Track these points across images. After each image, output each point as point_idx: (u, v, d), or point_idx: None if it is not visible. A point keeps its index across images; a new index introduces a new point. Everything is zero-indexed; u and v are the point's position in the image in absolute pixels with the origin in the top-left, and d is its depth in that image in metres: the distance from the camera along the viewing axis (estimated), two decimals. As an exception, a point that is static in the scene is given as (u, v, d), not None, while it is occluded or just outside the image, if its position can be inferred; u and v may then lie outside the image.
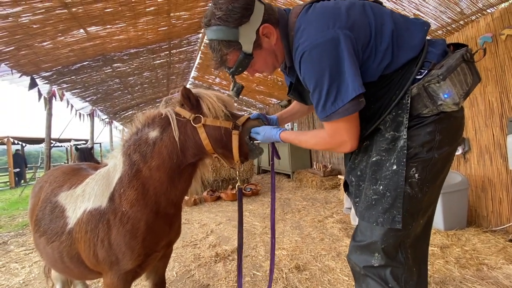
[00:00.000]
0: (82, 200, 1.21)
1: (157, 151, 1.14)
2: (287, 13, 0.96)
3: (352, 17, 0.83)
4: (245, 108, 9.78)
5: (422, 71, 0.85)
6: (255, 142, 1.17)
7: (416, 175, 0.85)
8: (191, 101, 1.14)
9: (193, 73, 7.05)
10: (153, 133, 1.17)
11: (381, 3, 0.98)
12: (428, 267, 2.03)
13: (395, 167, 0.86)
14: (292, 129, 7.69)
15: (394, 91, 0.87)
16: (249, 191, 5.30)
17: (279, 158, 1.34)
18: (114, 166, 1.21)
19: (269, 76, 6.12)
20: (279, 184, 6.53)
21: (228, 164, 1.22)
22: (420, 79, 0.84)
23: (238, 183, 1.32)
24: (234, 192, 5.12)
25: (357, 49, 0.82)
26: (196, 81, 7.68)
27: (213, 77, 7.05)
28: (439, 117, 0.84)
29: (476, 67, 0.87)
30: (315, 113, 0.90)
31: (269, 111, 8.96)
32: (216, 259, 2.55)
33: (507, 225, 2.66)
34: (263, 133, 1.12)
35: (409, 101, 0.84)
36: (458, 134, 0.93)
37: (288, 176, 7.14)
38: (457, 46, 0.93)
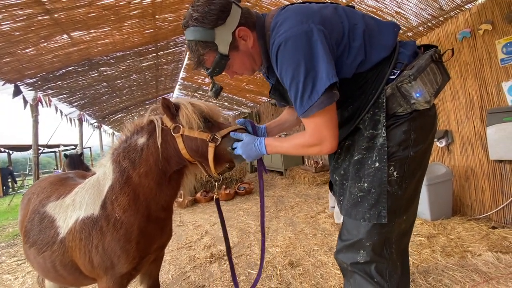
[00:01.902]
0: (73, 209, 1.23)
1: (145, 158, 1.17)
2: (264, 16, 1.00)
3: (325, 15, 0.88)
4: (235, 107, 9.79)
5: (395, 71, 0.90)
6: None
7: (395, 173, 0.90)
8: (171, 111, 1.16)
9: (181, 74, 7.02)
10: (141, 140, 1.20)
11: (353, 7, 1.03)
12: (416, 257, 2.14)
13: (377, 164, 0.89)
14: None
15: (370, 91, 0.92)
16: (242, 190, 5.34)
17: (266, 172, 1.29)
18: (104, 174, 1.23)
19: (258, 75, 6.15)
20: (272, 182, 6.58)
21: (209, 174, 1.22)
22: (393, 79, 0.89)
23: (216, 195, 1.29)
24: (228, 192, 5.15)
25: (330, 44, 0.85)
26: (186, 82, 7.64)
27: (202, 77, 7.03)
28: (413, 116, 0.89)
29: (445, 66, 0.92)
30: (296, 111, 0.91)
31: (260, 109, 9.00)
32: (211, 259, 2.58)
33: (489, 213, 2.78)
34: (243, 148, 1.06)
35: (384, 100, 0.88)
36: (431, 132, 0.97)
37: (280, 173, 7.21)
38: (427, 47, 0.98)
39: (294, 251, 2.58)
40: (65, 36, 3.17)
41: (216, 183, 1.27)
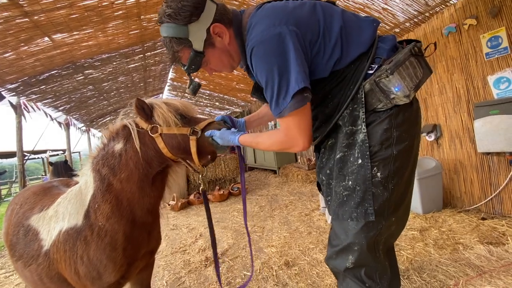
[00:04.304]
0: (56, 220, 1.20)
1: (124, 163, 1.16)
2: (241, 14, 0.98)
3: (299, 15, 0.87)
4: (227, 106, 9.72)
5: (373, 66, 0.89)
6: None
7: (379, 174, 0.88)
8: (146, 111, 1.16)
9: (170, 75, 6.90)
10: (118, 146, 1.19)
11: (333, 3, 1.01)
12: (409, 251, 2.16)
13: (360, 161, 0.88)
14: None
15: (349, 86, 0.91)
16: (236, 191, 5.31)
17: (244, 161, 1.35)
18: (86, 183, 1.22)
19: (248, 74, 6.11)
20: (266, 181, 6.58)
21: (193, 168, 1.24)
22: (371, 74, 0.88)
23: (202, 187, 1.33)
24: (222, 192, 5.11)
25: (304, 45, 0.85)
26: (175, 83, 7.53)
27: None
28: (393, 112, 0.87)
29: (426, 60, 0.91)
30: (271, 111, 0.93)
31: (252, 108, 8.96)
32: (206, 263, 2.54)
33: (479, 204, 2.84)
34: (221, 137, 1.10)
35: (363, 96, 0.87)
36: (415, 128, 0.95)
37: (274, 172, 7.21)
38: (410, 42, 0.95)
39: (289, 250, 2.57)
40: (46, 39, 3.05)
41: (201, 175, 1.31)
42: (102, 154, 1.21)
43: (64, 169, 3.51)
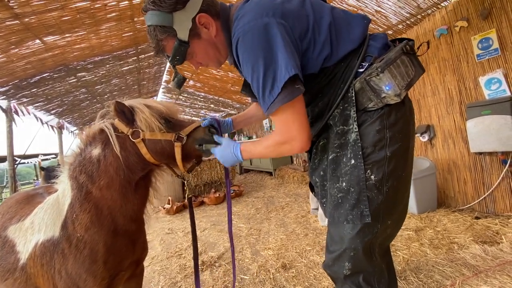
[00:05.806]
0: (32, 232, 1.13)
1: (103, 169, 1.10)
2: (230, 8, 0.97)
3: (288, 9, 0.85)
4: (222, 108, 9.70)
5: (364, 64, 0.87)
6: (213, 133, 1.10)
7: (373, 176, 0.85)
8: (126, 115, 1.09)
9: (165, 77, 6.86)
10: (96, 151, 1.12)
11: (324, 0, 1.00)
12: (405, 251, 2.17)
13: (353, 161, 0.86)
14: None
15: (339, 85, 0.89)
16: (232, 193, 5.28)
17: (231, 183, 1.33)
18: (63, 191, 1.15)
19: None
20: (262, 183, 6.56)
21: (176, 174, 1.21)
22: (362, 72, 0.86)
23: (187, 193, 1.29)
24: (218, 195, 5.07)
25: (293, 38, 0.82)
26: (169, 85, 7.49)
27: (187, 79, 6.91)
28: (385, 111, 0.85)
29: (418, 59, 0.89)
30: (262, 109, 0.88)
31: (247, 110, 8.96)
32: (202, 267, 2.51)
33: (472, 204, 2.87)
34: (221, 154, 1.02)
35: (353, 95, 0.85)
36: (409, 128, 0.92)
37: (270, 173, 7.20)
38: (403, 41, 0.94)
39: (286, 252, 2.56)
40: (37, 41, 3.01)
41: (186, 182, 1.28)
42: (79, 160, 1.14)
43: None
